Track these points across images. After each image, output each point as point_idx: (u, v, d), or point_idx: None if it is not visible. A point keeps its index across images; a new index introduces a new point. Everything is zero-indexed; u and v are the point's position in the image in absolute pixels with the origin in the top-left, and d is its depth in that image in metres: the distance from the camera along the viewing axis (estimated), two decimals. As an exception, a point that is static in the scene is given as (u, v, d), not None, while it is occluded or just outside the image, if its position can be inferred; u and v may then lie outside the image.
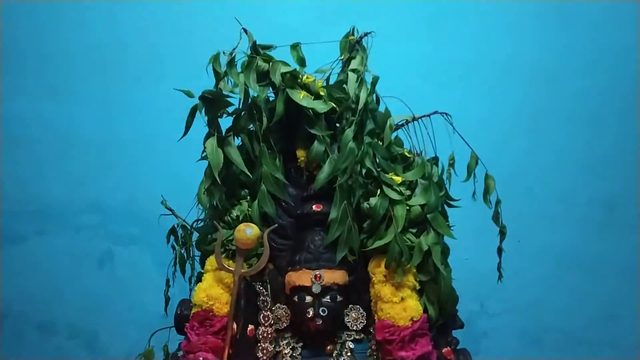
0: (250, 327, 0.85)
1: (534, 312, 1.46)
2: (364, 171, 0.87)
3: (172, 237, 1.07)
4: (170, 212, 1.07)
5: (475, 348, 0.93)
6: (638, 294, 1.43)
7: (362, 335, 0.88)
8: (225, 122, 0.92)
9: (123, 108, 1.53)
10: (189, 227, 1.04)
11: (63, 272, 1.50)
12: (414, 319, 0.82)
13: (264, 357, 0.85)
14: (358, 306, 0.89)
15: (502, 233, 0.94)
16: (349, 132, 0.85)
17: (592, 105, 1.50)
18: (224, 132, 0.90)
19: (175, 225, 1.07)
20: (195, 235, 1.04)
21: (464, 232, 0.96)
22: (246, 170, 0.88)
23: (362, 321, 0.88)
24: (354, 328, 0.88)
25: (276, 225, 0.88)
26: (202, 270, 0.90)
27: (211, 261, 0.88)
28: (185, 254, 1.06)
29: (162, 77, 1.49)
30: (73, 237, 1.52)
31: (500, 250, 0.96)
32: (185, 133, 0.89)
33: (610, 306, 1.44)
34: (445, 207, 0.95)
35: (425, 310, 0.85)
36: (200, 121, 0.89)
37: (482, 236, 1.23)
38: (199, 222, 1.02)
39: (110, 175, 1.52)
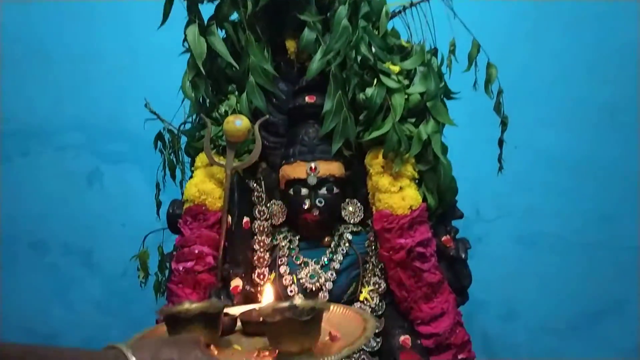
0: (246, 219, 0.83)
1: (529, 217, 1.46)
2: (359, 58, 0.81)
3: (159, 143, 1.03)
4: (156, 116, 1.01)
5: (470, 253, 0.92)
6: (636, 195, 1.42)
7: (360, 227, 0.87)
8: (207, 13, 0.85)
9: (101, 19, 1.43)
10: (175, 131, 0.99)
11: (52, 192, 1.47)
12: (413, 208, 0.80)
13: (261, 250, 0.84)
14: (355, 200, 0.87)
15: (504, 124, 0.91)
16: (342, 10, 0.78)
17: (594, 9, 1.42)
18: (205, 22, 0.84)
19: (162, 130, 1.02)
20: (183, 140, 0.99)
21: (459, 139, 0.93)
22: (232, 61, 0.82)
23: (360, 214, 0.87)
24: (352, 221, 0.86)
25: (267, 117, 0.83)
26: (193, 168, 0.87)
27: (201, 158, 0.85)
28: (174, 159, 1.02)
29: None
30: (58, 157, 1.47)
31: (501, 142, 0.92)
32: (164, 21, 0.82)
33: (608, 208, 1.44)
34: (445, 101, 0.91)
35: (425, 200, 0.83)
36: (180, 28, 0.82)
37: (478, 143, 1.21)
38: (186, 124, 0.97)
39: (91, 90, 1.44)
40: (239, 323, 0.62)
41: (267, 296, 0.68)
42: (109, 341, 0.42)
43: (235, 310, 0.64)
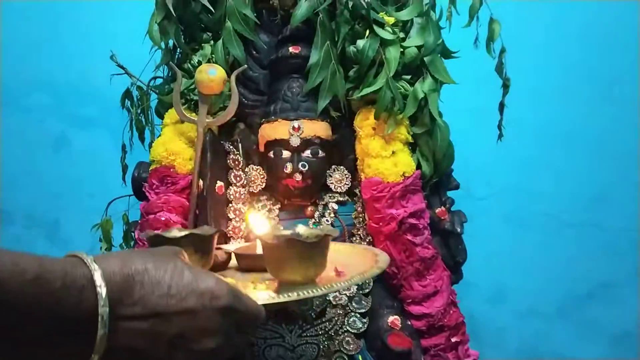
0: (220, 184, 0.74)
1: (520, 195, 1.40)
2: (350, 4, 0.72)
3: (127, 101, 0.93)
4: (123, 71, 0.91)
5: (458, 232, 0.86)
6: (634, 174, 1.36)
7: (347, 197, 0.79)
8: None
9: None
10: (144, 87, 0.89)
11: (14, 157, 1.36)
12: (406, 175, 0.72)
13: (237, 219, 0.75)
14: (342, 167, 0.79)
15: (506, 86, 0.83)
16: (332, -51, 0.69)
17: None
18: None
19: (130, 87, 0.92)
20: (153, 99, 0.90)
21: (454, 113, 0.86)
22: (207, 4, 0.72)
23: (347, 183, 0.79)
24: (338, 190, 0.78)
25: (245, 66, 0.74)
26: (161, 126, 0.77)
27: (171, 114, 0.76)
28: (143, 120, 0.92)
29: None
30: (22, 119, 1.36)
31: (502, 106, 0.85)
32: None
33: (602, 188, 1.38)
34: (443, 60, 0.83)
35: (419, 167, 0.75)
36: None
37: (471, 119, 1.13)
38: (156, 79, 0.88)
39: (59, 48, 1.33)
40: (233, 260, 0.54)
41: (256, 223, 0.59)
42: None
43: (229, 247, 0.57)
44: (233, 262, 0.57)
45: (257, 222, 0.58)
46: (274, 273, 0.45)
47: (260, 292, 0.45)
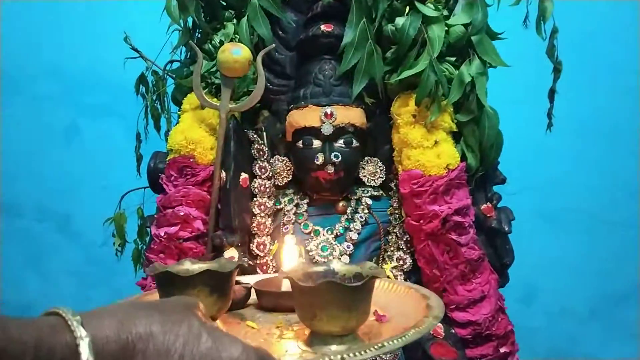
0: (244, 176, 0.67)
1: (553, 191, 1.33)
2: (388, -22, 0.65)
3: (141, 87, 0.86)
4: (138, 54, 0.85)
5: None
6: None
7: (381, 191, 0.72)
8: None
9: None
10: (160, 72, 0.83)
11: (24, 148, 1.32)
12: (450, 167, 0.65)
13: (262, 214, 0.68)
14: (376, 159, 0.72)
15: (557, 70, 0.75)
16: None
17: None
18: None
19: (145, 71, 0.85)
20: (170, 85, 0.83)
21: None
22: (230, -23, 0.65)
23: (381, 176, 0.72)
24: (371, 184, 0.71)
25: (273, 46, 0.67)
26: (179, 112, 0.71)
27: (190, 99, 0.69)
28: (159, 107, 0.86)
29: None
30: (32, 108, 1.32)
31: (552, 92, 0.77)
32: None
33: (638, 186, 1.31)
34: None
35: (463, 158, 0.68)
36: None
37: (504, 107, 1.06)
38: (173, 63, 0.81)
39: (68, 32, 1.27)
40: (253, 295, 0.47)
41: (289, 254, 0.52)
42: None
43: (248, 279, 0.50)
44: (253, 297, 0.50)
45: (287, 250, 0.50)
46: (307, 322, 0.37)
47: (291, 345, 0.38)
